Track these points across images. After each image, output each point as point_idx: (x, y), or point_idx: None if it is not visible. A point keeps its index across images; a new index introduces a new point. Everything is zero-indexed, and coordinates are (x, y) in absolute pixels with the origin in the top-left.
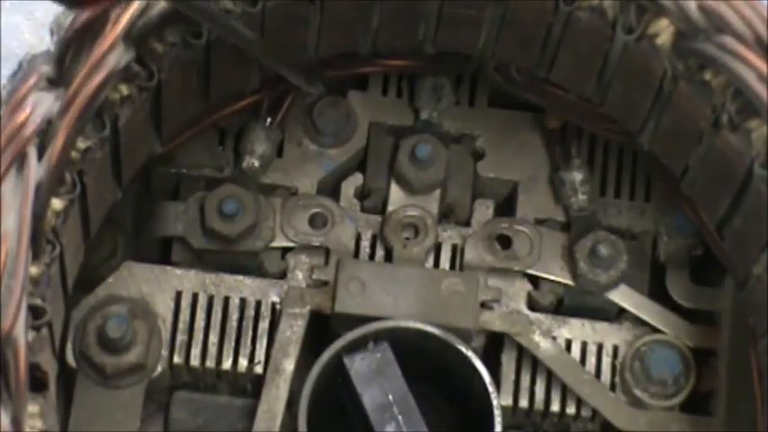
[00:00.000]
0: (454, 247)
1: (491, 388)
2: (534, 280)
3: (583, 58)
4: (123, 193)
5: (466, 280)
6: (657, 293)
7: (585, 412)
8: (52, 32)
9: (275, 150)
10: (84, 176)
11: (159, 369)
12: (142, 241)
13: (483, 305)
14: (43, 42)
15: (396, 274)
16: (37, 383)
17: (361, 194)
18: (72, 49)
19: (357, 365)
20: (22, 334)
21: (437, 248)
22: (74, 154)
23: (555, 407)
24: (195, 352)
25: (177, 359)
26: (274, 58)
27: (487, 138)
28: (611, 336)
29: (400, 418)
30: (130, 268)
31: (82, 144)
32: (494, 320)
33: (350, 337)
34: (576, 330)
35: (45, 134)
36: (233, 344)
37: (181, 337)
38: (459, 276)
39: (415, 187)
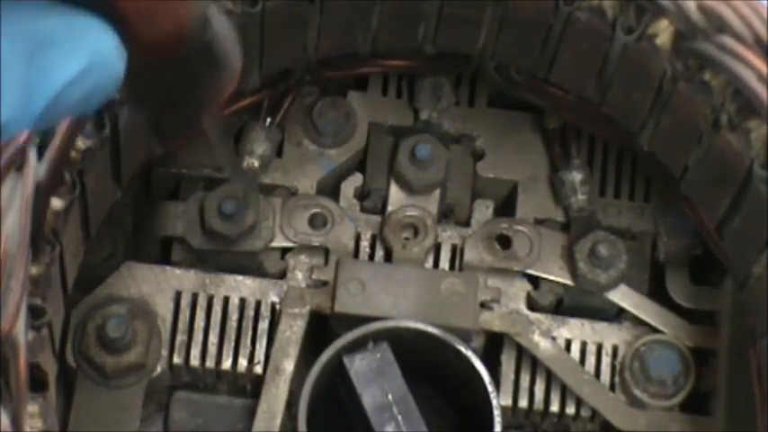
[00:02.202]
0: (454, 248)
1: (491, 388)
2: (534, 280)
3: (582, 58)
4: (123, 193)
5: (465, 280)
6: (657, 293)
7: (585, 412)
8: None
9: (275, 150)
10: (84, 176)
11: (159, 369)
12: (142, 241)
13: (483, 305)
14: None
15: (395, 275)
16: (37, 383)
17: (361, 194)
18: None
19: (357, 365)
20: (22, 334)
21: (437, 249)
22: (74, 154)
23: (554, 407)
24: (195, 352)
25: (177, 359)
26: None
27: (487, 138)
28: (610, 336)
29: (400, 418)
30: (130, 268)
31: (82, 144)
32: (493, 320)
33: (350, 337)
34: (575, 330)
35: (45, 134)
36: (233, 344)
37: (180, 337)
38: (458, 276)
39: (414, 187)
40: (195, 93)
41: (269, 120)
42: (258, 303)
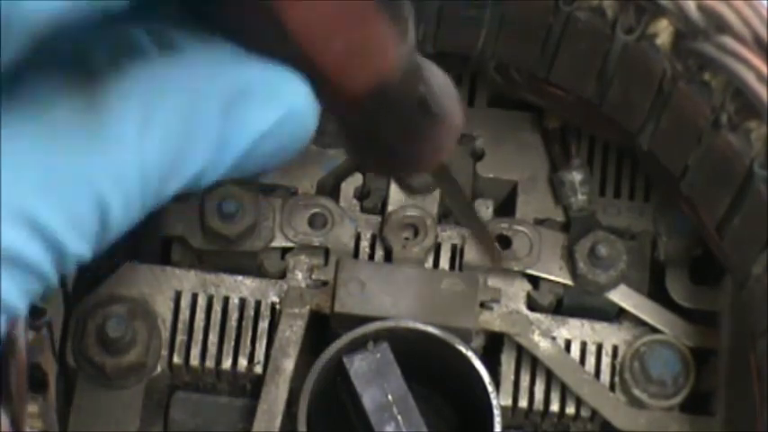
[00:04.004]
0: (454, 248)
1: (490, 388)
2: (534, 280)
3: (582, 58)
4: None
5: (466, 280)
6: (657, 294)
7: (585, 412)
8: None
9: None
10: None
11: (159, 369)
12: (142, 241)
13: (483, 305)
14: None
15: (395, 275)
16: (37, 383)
17: (361, 194)
18: None
19: (357, 365)
20: (22, 334)
21: (437, 248)
22: None
23: (554, 407)
24: (195, 352)
25: (177, 359)
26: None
27: (487, 138)
28: (610, 336)
29: (400, 418)
30: (130, 268)
31: None
32: (493, 320)
33: (349, 337)
34: (575, 330)
35: None
36: (233, 344)
37: (180, 337)
38: (458, 276)
39: (414, 187)
40: (413, 148)
41: None
42: (258, 303)
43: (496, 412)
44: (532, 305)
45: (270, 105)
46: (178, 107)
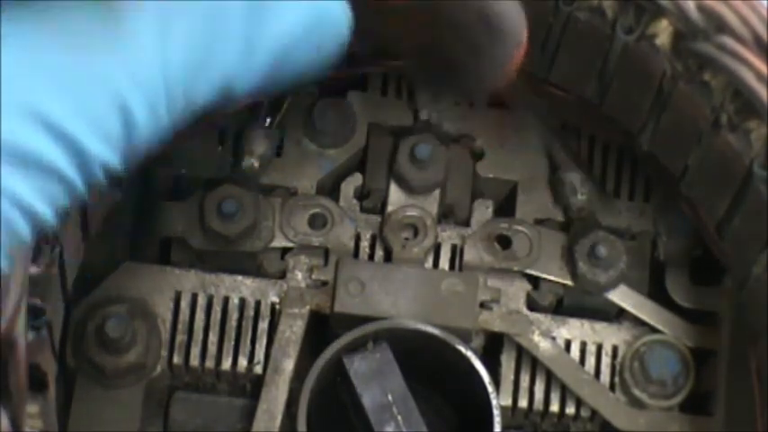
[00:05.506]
0: (454, 248)
1: (490, 388)
2: (534, 280)
3: (582, 58)
4: (123, 193)
5: (465, 280)
6: (657, 294)
7: (585, 412)
8: None
9: (274, 150)
10: None
11: (159, 369)
12: (142, 241)
13: (482, 305)
14: None
15: (395, 275)
16: (37, 383)
17: (361, 195)
18: None
19: (356, 365)
20: (21, 334)
21: (436, 249)
22: None
23: (554, 407)
24: (195, 352)
25: (177, 359)
26: None
27: (487, 138)
28: (610, 336)
29: (399, 418)
30: (130, 268)
31: None
32: (493, 320)
33: (349, 337)
34: (575, 330)
35: None
36: (232, 344)
37: (180, 337)
38: (458, 276)
39: (414, 187)
40: (477, 62)
41: (269, 120)
42: (258, 303)
43: (496, 412)
44: (532, 305)
45: (297, 6)
46: (200, 7)
